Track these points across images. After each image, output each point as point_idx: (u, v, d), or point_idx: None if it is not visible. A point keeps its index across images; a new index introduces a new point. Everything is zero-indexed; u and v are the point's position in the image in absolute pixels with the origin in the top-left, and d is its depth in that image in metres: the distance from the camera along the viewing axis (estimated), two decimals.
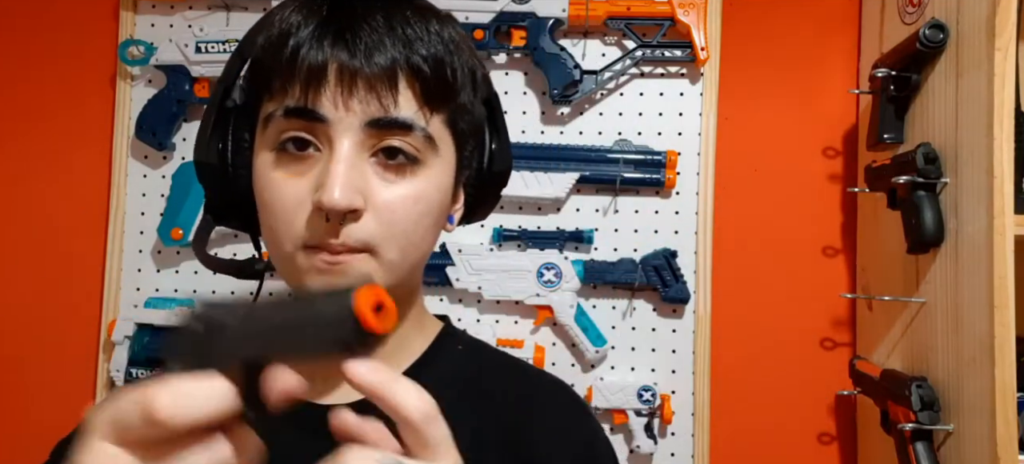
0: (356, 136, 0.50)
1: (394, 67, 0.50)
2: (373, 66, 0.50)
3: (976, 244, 0.87)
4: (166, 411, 0.32)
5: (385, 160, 0.51)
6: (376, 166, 0.51)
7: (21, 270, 1.23)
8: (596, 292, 1.18)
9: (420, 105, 0.52)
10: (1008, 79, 0.84)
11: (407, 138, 0.51)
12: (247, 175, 0.55)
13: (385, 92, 0.50)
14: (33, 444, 1.30)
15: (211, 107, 0.57)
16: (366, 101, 0.50)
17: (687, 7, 1.14)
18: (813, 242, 1.21)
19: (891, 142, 1.04)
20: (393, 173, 0.52)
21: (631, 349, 1.17)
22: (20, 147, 1.25)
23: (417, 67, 0.51)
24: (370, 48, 0.50)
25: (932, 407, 0.92)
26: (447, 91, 0.54)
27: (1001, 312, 0.83)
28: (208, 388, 0.33)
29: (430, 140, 0.52)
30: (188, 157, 1.20)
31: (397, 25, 0.52)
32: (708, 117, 1.17)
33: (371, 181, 0.51)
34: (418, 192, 0.52)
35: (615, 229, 1.18)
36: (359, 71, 0.50)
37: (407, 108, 0.51)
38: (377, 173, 0.51)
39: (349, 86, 0.50)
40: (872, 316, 1.14)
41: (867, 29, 1.19)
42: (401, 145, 0.51)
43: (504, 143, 0.63)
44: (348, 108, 0.50)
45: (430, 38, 0.53)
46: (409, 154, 0.52)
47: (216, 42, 1.15)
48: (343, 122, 0.50)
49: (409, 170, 0.52)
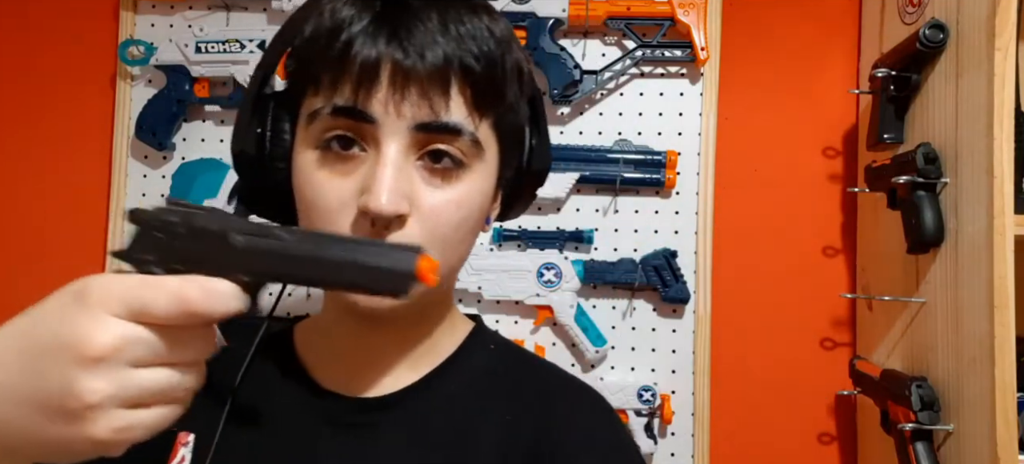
0: (404, 139, 0.49)
1: (447, 68, 0.49)
2: (427, 66, 0.49)
3: (976, 244, 0.87)
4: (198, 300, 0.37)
5: (431, 164, 0.51)
6: (422, 170, 0.51)
7: (21, 270, 1.23)
8: (596, 292, 1.18)
9: (470, 109, 0.51)
10: (1008, 79, 0.84)
11: (455, 143, 0.51)
12: (285, 167, 0.54)
13: (437, 95, 0.49)
14: None
15: (249, 94, 0.56)
16: (418, 104, 0.49)
17: (687, 7, 1.14)
18: (813, 242, 1.21)
19: (891, 142, 1.04)
20: (439, 177, 0.51)
21: (631, 349, 1.17)
22: (20, 147, 1.25)
23: (469, 67, 0.50)
24: (423, 47, 0.49)
25: (932, 407, 0.92)
26: (496, 93, 0.53)
27: (1001, 312, 0.83)
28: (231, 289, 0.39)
29: (477, 144, 0.52)
30: (188, 157, 1.20)
31: (451, 22, 0.51)
32: (708, 117, 1.17)
33: (416, 185, 0.50)
34: (461, 197, 0.52)
35: (615, 229, 1.18)
36: (412, 72, 0.49)
37: (457, 112, 0.50)
38: (423, 177, 0.51)
39: (401, 88, 0.49)
40: (872, 316, 1.14)
41: (867, 29, 1.19)
42: (448, 149, 0.51)
43: (544, 141, 0.62)
44: (399, 111, 0.49)
45: (482, 35, 0.52)
46: (455, 158, 0.51)
47: (216, 42, 1.15)
48: (392, 124, 0.49)
49: (454, 175, 0.52)
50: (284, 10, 1.15)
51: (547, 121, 0.63)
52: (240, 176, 0.57)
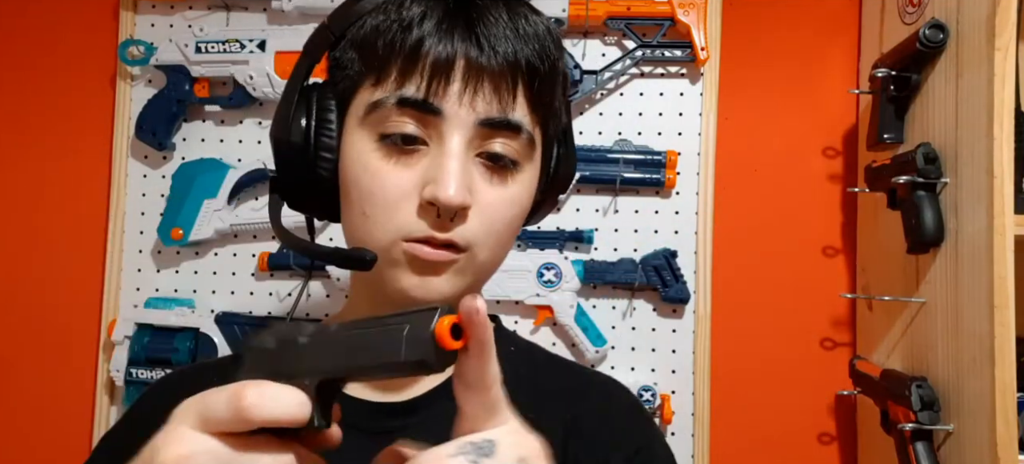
0: (468, 133, 0.50)
1: (516, 65, 0.50)
2: (499, 62, 0.49)
3: (976, 244, 0.87)
4: (251, 404, 0.35)
5: (489, 161, 0.52)
6: (480, 165, 0.51)
7: (21, 270, 1.23)
8: (596, 292, 1.18)
9: (530, 109, 0.52)
10: (1008, 79, 0.84)
11: (513, 141, 0.51)
12: (331, 157, 0.54)
13: (505, 92, 0.50)
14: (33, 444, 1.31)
15: (295, 83, 0.55)
16: (488, 100, 0.50)
17: (687, 7, 1.14)
18: (813, 242, 1.21)
19: (891, 142, 1.04)
20: (496, 175, 0.52)
21: (631, 349, 1.17)
22: (20, 147, 1.25)
23: (535, 67, 0.51)
24: (495, 43, 0.50)
25: (932, 407, 0.92)
26: (552, 95, 0.54)
27: (1001, 312, 0.83)
28: (289, 394, 0.36)
29: (532, 144, 0.53)
30: (188, 157, 1.20)
31: (519, 21, 0.52)
32: (708, 117, 1.17)
33: (476, 180, 0.51)
34: (515, 196, 0.53)
35: (615, 229, 1.18)
36: (486, 68, 0.49)
37: (520, 111, 0.51)
38: (481, 174, 0.52)
39: (474, 84, 0.49)
40: (872, 316, 1.14)
41: (867, 29, 1.19)
42: (505, 150, 0.51)
43: (571, 147, 0.62)
44: (471, 106, 0.49)
45: (545, 36, 0.53)
46: (511, 158, 0.52)
47: (216, 42, 1.15)
48: (459, 119, 0.49)
49: (510, 174, 0.52)
50: (284, 10, 1.15)
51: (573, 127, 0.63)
52: (281, 167, 0.56)
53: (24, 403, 1.22)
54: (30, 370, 1.22)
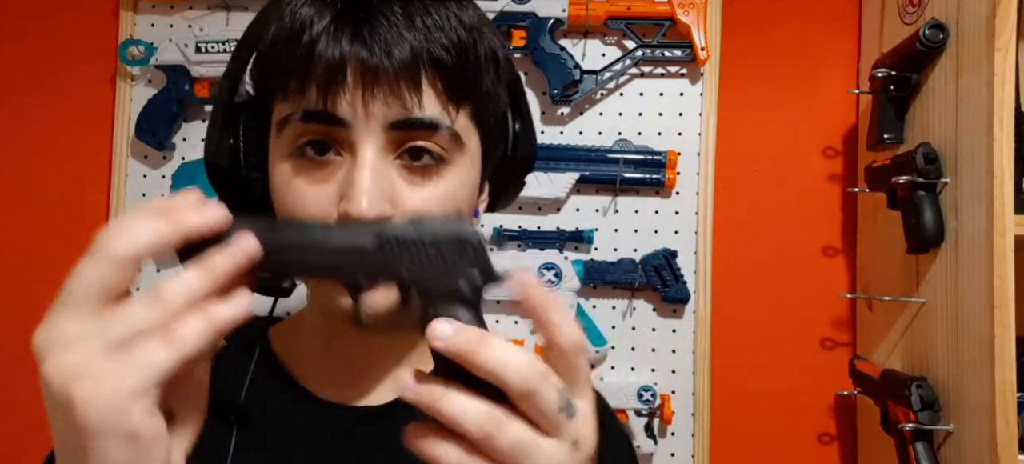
0: (379, 139, 0.47)
1: (416, 62, 0.47)
2: (394, 62, 0.46)
3: (976, 244, 0.87)
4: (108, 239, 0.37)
5: (410, 162, 0.49)
6: (401, 169, 0.49)
7: (21, 269, 1.23)
8: (596, 292, 1.18)
9: (445, 102, 0.49)
10: (1008, 79, 0.84)
11: (432, 138, 0.48)
12: (261, 178, 0.52)
13: (408, 91, 0.47)
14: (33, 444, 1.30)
15: (219, 105, 0.53)
16: (388, 102, 0.47)
17: (687, 7, 1.14)
18: (813, 242, 1.21)
19: (891, 142, 1.04)
20: (419, 175, 0.49)
21: (631, 349, 1.17)
22: (20, 146, 1.25)
23: (439, 59, 0.48)
24: (389, 43, 0.47)
25: (932, 407, 0.92)
26: (471, 82, 0.51)
27: (1001, 312, 0.83)
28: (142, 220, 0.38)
29: (456, 138, 0.50)
30: (188, 157, 1.20)
31: (416, 14, 0.48)
32: (708, 117, 1.17)
33: (397, 185, 0.48)
34: (445, 193, 0.50)
35: (615, 229, 1.18)
36: (380, 69, 0.46)
37: (431, 107, 0.48)
38: (403, 176, 0.49)
39: (370, 86, 0.46)
40: (872, 316, 1.14)
41: (867, 29, 1.19)
42: (426, 145, 0.48)
43: (528, 125, 0.59)
44: (369, 111, 0.47)
45: (450, 25, 0.49)
46: (435, 154, 0.49)
47: (216, 42, 1.15)
48: (365, 125, 0.47)
49: (436, 171, 0.49)
50: None
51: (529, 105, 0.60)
52: (215, 189, 0.54)
53: (24, 403, 1.22)
54: (30, 370, 1.22)
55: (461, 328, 0.38)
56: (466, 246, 0.40)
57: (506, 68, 0.56)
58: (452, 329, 0.37)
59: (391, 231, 0.40)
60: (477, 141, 0.53)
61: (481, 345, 0.37)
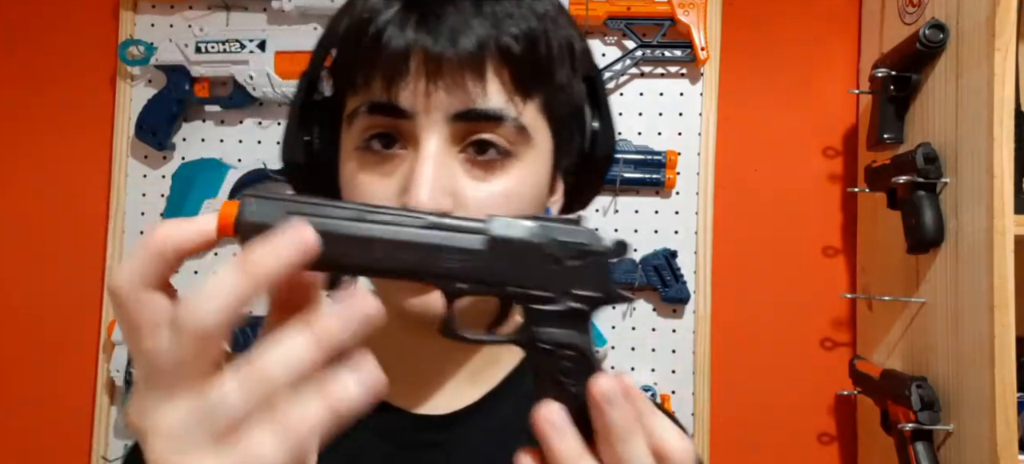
0: (442, 131, 0.46)
1: (482, 52, 0.46)
2: (459, 51, 0.45)
3: (976, 244, 0.87)
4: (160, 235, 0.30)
5: (475, 156, 0.47)
6: (465, 162, 0.47)
7: (21, 270, 1.23)
8: None
9: (511, 93, 0.47)
10: (1008, 79, 0.84)
11: (497, 130, 0.46)
12: (334, 176, 0.51)
13: (472, 81, 0.45)
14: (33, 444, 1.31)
15: (295, 103, 0.53)
16: (451, 92, 0.45)
17: (687, 7, 1.14)
18: (813, 242, 1.21)
19: (891, 142, 1.04)
20: (483, 169, 0.47)
21: (631, 349, 1.17)
22: (20, 147, 1.25)
23: (507, 48, 0.46)
24: (456, 31, 0.45)
25: (932, 407, 0.92)
26: (541, 72, 0.48)
27: (1001, 312, 0.83)
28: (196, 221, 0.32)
29: (523, 131, 0.47)
30: (188, 157, 1.20)
31: (486, 2, 0.47)
32: (708, 117, 1.17)
33: (460, 180, 0.46)
34: (510, 189, 0.47)
35: (615, 229, 1.18)
36: (443, 58, 0.45)
37: (497, 97, 0.46)
38: (467, 170, 0.47)
39: (433, 76, 0.45)
40: (872, 316, 1.14)
41: (867, 29, 1.19)
42: (492, 138, 0.46)
43: (607, 122, 0.56)
44: (431, 101, 0.45)
45: (522, 12, 0.47)
46: (501, 147, 0.47)
47: (216, 42, 1.15)
48: (427, 116, 0.45)
49: (500, 165, 0.47)
50: (284, 10, 1.15)
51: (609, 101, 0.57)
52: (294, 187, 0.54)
53: (24, 403, 1.22)
54: (30, 370, 1.22)
55: (629, 389, 0.33)
56: (589, 258, 0.35)
57: (583, 60, 0.54)
58: (619, 389, 0.33)
59: (504, 232, 0.34)
60: (547, 135, 0.51)
61: (647, 419, 0.33)
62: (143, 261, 0.29)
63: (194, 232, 0.29)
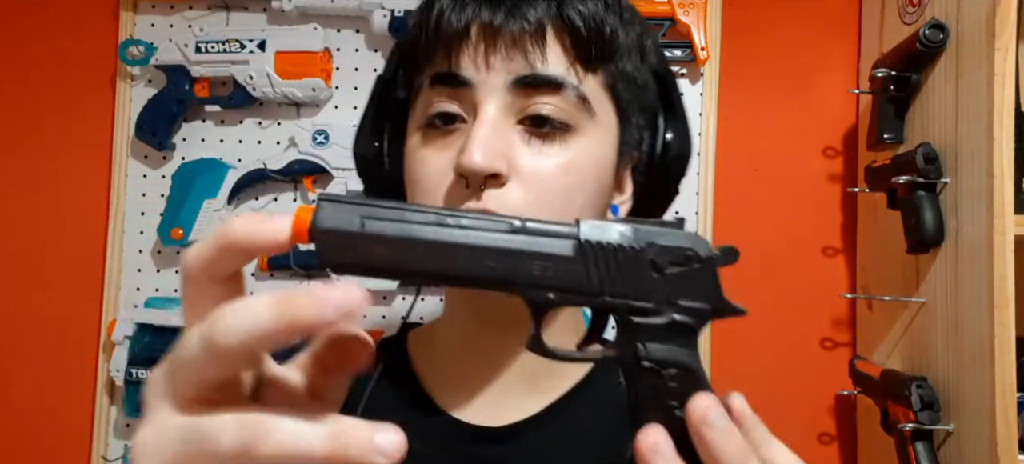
0: (501, 98, 0.46)
1: (542, 22, 0.46)
2: (520, 21, 0.45)
3: (976, 244, 0.87)
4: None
5: (533, 128, 0.46)
6: (523, 133, 0.47)
7: (21, 270, 1.23)
8: None
9: (572, 61, 0.46)
10: (1008, 79, 0.84)
11: (557, 98, 0.46)
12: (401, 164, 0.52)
13: (532, 47, 0.45)
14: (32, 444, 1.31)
15: (371, 99, 0.54)
16: (510, 57, 0.45)
17: (687, 7, 1.14)
18: (813, 242, 1.21)
19: (891, 142, 1.04)
20: (541, 140, 0.46)
21: None
22: (20, 147, 1.25)
23: (570, 20, 0.46)
24: (516, 4, 0.46)
25: (932, 407, 0.92)
26: (604, 50, 0.48)
27: (1001, 312, 0.83)
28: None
29: (584, 102, 0.47)
30: (188, 157, 1.20)
31: None
32: (708, 117, 1.17)
33: (516, 147, 0.46)
34: (569, 161, 0.46)
35: None
36: (502, 27, 0.45)
37: (557, 64, 0.46)
38: (523, 139, 0.46)
39: (492, 41, 0.45)
40: (872, 316, 1.14)
41: (867, 29, 1.19)
42: (551, 111, 0.46)
43: (682, 126, 0.55)
44: (490, 66, 0.45)
45: None
46: (560, 120, 0.46)
47: (216, 42, 1.15)
48: (486, 84, 0.46)
49: (560, 137, 0.46)
50: (284, 10, 1.15)
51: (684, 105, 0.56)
52: (361, 179, 0.56)
53: (24, 403, 1.22)
54: (30, 370, 1.22)
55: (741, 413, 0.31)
56: (695, 266, 0.32)
57: (654, 55, 0.53)
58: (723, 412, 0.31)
59: (595, 235, 0.31)
60: (612, 115, 0.50)
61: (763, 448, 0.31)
62: (211, 250, 0.29)
63: (267, 233, 0.28)
